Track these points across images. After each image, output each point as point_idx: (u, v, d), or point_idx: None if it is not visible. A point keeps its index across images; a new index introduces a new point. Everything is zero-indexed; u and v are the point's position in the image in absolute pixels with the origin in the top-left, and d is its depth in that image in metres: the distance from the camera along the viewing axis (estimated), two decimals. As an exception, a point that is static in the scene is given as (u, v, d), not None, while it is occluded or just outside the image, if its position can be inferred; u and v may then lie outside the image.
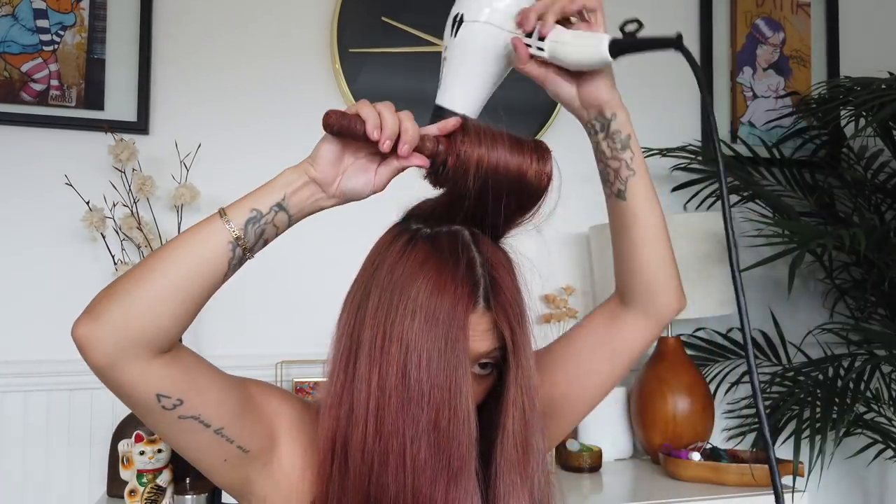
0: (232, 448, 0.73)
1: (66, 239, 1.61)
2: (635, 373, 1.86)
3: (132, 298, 0.65)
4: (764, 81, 2.13)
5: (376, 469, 0.70)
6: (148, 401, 0.67)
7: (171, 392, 0.68)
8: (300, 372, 1.68)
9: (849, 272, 2.02)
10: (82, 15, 1.64)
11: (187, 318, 0.68)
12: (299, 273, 1.73)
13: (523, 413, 0.75)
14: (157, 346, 0.66)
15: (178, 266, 0.66)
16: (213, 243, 0.67)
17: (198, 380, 0.70)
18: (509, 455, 0.74)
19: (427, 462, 0.69)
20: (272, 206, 0.70)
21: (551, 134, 1.92)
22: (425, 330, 0.70)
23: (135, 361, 0.65)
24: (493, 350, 0.74)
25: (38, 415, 1.57)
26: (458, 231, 0.76)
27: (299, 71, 1.77)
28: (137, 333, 0.65)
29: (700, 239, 1.67)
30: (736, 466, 1.55)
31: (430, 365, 0.69)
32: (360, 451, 0.71)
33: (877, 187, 1.96)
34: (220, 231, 0.68)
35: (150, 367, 0.66)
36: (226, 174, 1.69)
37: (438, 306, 0.70)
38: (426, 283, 0.71)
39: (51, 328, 1.58)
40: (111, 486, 1.48)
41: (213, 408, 0.71)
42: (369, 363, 0.71)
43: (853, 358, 1.69)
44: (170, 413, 0.68)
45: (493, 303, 0.73)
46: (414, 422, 0.69)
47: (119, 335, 0.64)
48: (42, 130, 1.62)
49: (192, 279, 0.66)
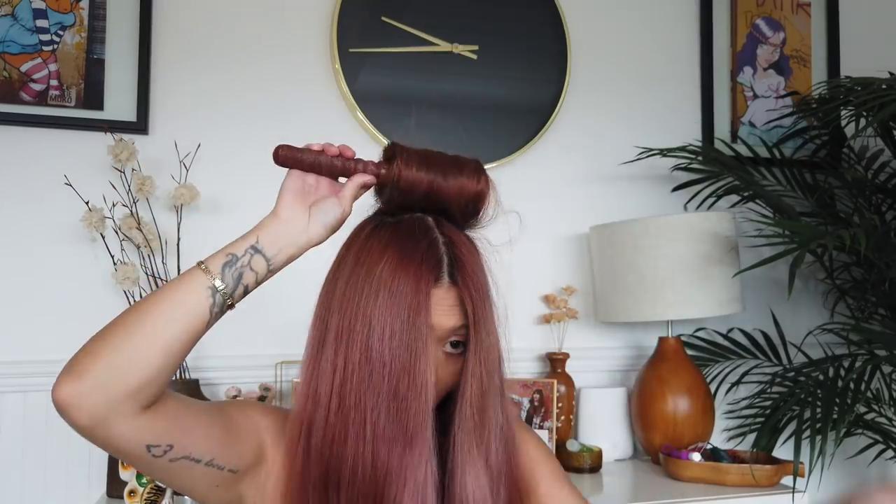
0: (223, 473, 0.75)
1: (66, 239, 1.61)
2: (636, 373, 1.86)
3: (116, 352, 0.65)
4: (764, 81, 2.13)
5: (337, 441, 0.73)
6: (138, 452, 0.68)
7: (160, 441, 0.69)
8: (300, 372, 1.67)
9: (849, 272, 2.02)
10: (82, 15, 1.64)
11: (171, 369, 0.69)
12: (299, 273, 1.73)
13: (481, 383, 0.78)
14: (142, 399, 0.67)
15: (162, 317, 0.68)
16: (193, 291, 0.70)
17: (184, 422, 0.71)
18: (466, 423, 0.77)
19: (385, 429, 0.72)
20: (247, 249, 0.74)
21: (551, 134, 1.92)
22: (388, 305, 0.73)
23: (122, 419, 0.65)
24: (460, 326, 0.77)
25: (37, 415, 1.57)
26: (421, 216, 0.80)
27: (299, 71, 1.77)
28: (123, 388, 0.65)
29: (700, 239, 1.67)
30: (736, 467, 1.55)
31: (392, 338, 0.72)
32: (322, 427, 0.74)
33: (877, 187, 1.96)
34: (199, 278, 0.71)
35: (136, 422, 0.67)
36: (225, 174, 1.69)
37: (401, 282, 0.73)
38: (389, 262, 0.74)
39: (50, 328, 1.58)
40: (111, 487, 1.48)
41: (200, 443, 0.72)
42: (335, 345, 0.75)
43: (854, 358, 1.69)
44: (160, 459, 0.70)
45: (458, 277, 0.76)
46: (375, 392, 0.72)
47: (105, 392, 0.64)
48: (41, 130, 1.62)
49: (174, 329, 0.68)
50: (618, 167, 1.96)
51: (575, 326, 1.89)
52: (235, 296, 0.73)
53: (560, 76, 1.93)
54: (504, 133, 1.88)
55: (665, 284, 1.67)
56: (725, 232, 1.71)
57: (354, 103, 1.77)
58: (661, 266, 1.67)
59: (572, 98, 1.95)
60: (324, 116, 1.78)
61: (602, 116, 1.99)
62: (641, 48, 2.04)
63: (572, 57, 1.94)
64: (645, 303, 1.69)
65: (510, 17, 1.91)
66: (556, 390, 1.72)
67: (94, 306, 1.60)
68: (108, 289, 1.61)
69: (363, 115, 1.77)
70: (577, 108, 1.96)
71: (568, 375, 1.81)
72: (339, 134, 1.78)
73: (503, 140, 1.87)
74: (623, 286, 1.73)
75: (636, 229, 1.70)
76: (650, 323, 1.94)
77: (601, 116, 1.99)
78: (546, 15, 1.93)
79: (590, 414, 1.80)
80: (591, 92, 1.99)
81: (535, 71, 1.91)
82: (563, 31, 1.94)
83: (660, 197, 2.01)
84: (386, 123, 1.79)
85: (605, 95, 2.00)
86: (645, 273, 1.69)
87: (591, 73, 1.99)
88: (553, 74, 1.93)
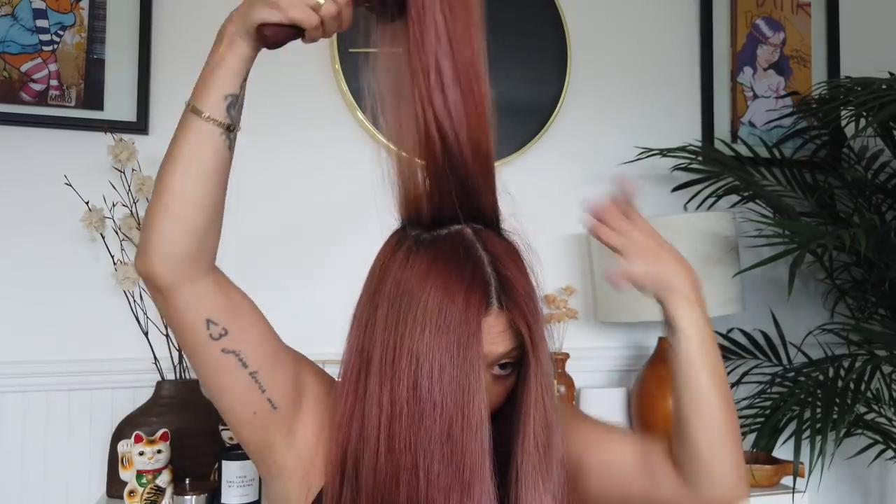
0: (262, 399, 0.74)
1: (66, 239, 1.61)
2: (636, 373, 1.86)
3: (164, 221, 0.68)
4: (764, 81, 2.12)
5: (388, 486, 0.68)
6: (198, 326, 0.71)
7: (219, 319, 0.71)
8: (300, 372, 1.67)
9: (849, 272, 2.02)
10: (82, 15, 1.64)
11: (218, 217, 0.72)
12: (300, 274, 1.73)
13: (545, 412, 0.73)
14: (202, 257, 0.70)
15: (190, 178, 0.69)
16: (207, 143, 0.69)
17: (243, 314, 0.74)
18: (531, 457, 0.72)
19: (440, 475, 0.67)
20: (242, 84, 0.73)
21: (551, 136, 1.92)
22: (436, 339, 0.68)
23: (190, 281, 0.70)
24: (511, 350, 0.73)
25: (37, 415, 1.57)
26: (459, 231, 0.74)
27: (299, 71, 1.77)
28: (182, 248, 0.68)
29: (700, 239, 1.67)
30: (736, 467, 1.55)
31: (441, 375, 0.67)
32: (373, 469, 0.69)
33: (877, 187, 1.96)
34: (206, 129, 0.70)
35: (201, 286, 0.70)
36: (225, 174, 1.69)
37: (448, 313, 0.68)
38: (434, 292, 0.69)
39: (50, 328, 1.58)
40: (111, 487, 1.48)
41: (252, 347, 0.73)
42: (380, 380, 0.70)
43: (854, 358, 1.69)
44: (215, 344, 0.71)
45: (507, 302, 0.71)
46: (426, 434, 0.67)
47: (169, 255, 0.68)
48: (41, 130, 1.62)
49: (207, 182, 0.69)
50: (617, 167, 1.96)
51: (575, 326, 1.89)
52: (239, 124, 0.74)
53: (560, 76, 1.93)
54: (504, 133, 1.87)
55: (665, 284, 1.66)
56: (725, 232, 1.71)
57: (354, 103, 1.77)
58: (661, 266, 1.67)
59: (572, 98, 1.95)
60: (324, 116, 1.78)
61: (602, 116, 1.99)
62: (641, 48, 2.04)
63: (572, 57, 1.94)
64: (645, 303, 1.69)
65: (510, 17, 1.91)
66: (557, 390, 1.72)
67: (94, 306, 1.60)
68: (108, 289, 1.61)
69: (363, 116, 1.77)
70: (577, 108, 1.96)
71: (568, 376, 1.81)
72: (340, 134, 1.78)
73: (503, 140, 1.87)
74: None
75: (636, 229, 1.70)
76: (650, 323, 1.93)
77: (601, 116, 1.99)
78: (546, 15, 1.93)
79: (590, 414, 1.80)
80: (592, 92, 1.99)
81: (535, 71, 1.91)
82: (563, 31, 1.94)
83: (660, 197, 2.01)
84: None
85: (606, 95, 2.00)
86: (645, 273, 1.68)
87: (592, 73, 1.99)
88: (553, 74, 1.93)
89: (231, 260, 0.80)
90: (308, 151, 1.77)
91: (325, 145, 1.78)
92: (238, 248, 1.70)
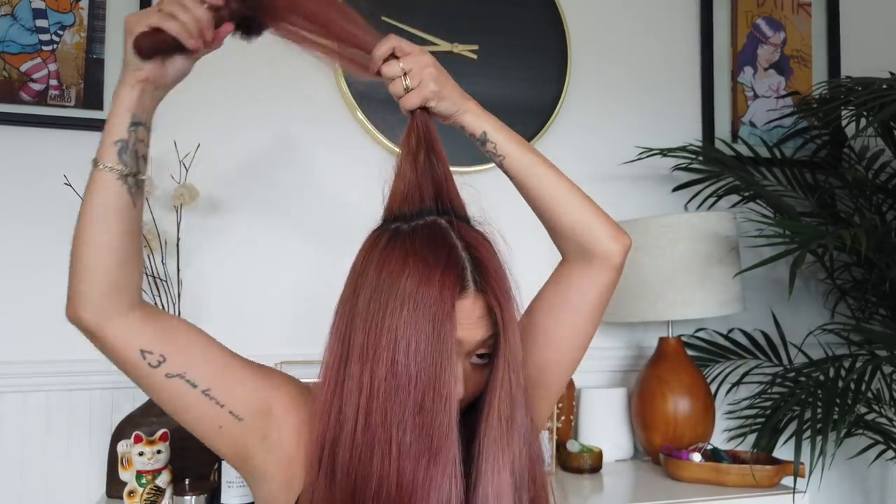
0: (224, 413, 0.77)
1: (66, 239, 1.60)
2: (636, 373, 1.86)
3: (78, 268, 0.76)
4: (765, 81, 2.12)
5: (363, 460, 0.72)
6: (135, 358, 0.75)
7: (153, 347, 0.75)
8: (300, 372, 1.66)
9: (850, 272, 2.01)
10: (81, 15, 1.64)
11: (130, 257, 0.75)
12: (299, 273, 1.73)
13: (510, 390, 0.77)
14: (122, 296, 0.74)
15: (95, 224, 0.75)
16: (107, 189, 0.74)
17: (178, 338, 0.77)
18: (493, 430, 0.76)
19: (411, 444, 0.71)
20: (129, 129, 0.76)
21: (552, 135, 1.91)
22: (413, 318, 0.72)
23: (111, 320, 0.74)
24: (489, 337, 0.76)
25: (37, 415, 1.57)
26: (434, 221, 0.78)
27: (298, 70, 1.77)
28: (97, 292, 0.74)
29: (701, 239, 1.67)
30: (737, 467, 1.55)
31: (417, 351, 0.71)
32: (349, 447, 0.73)
33: (878, 187, 1.96)
34: (105, 176, 0.74)
35: (126, 321, 0.75)
36: (225, 174, 1.69)
37: (425, 294, 0.72)
38: (412, 276, 0.73)
39: (50, 328, 1.57)
40: (110, 487, 1.48)
41: (197, 367, 0.76)
42: (361, 363, 0.73)
43: (854, 358, 1.68)
44: (157, 371, 0.75)
45: (481, 283, 0.75)
46: (401, 408, 0.71)
47: (87, 301, 0.74)
48: (41, 130, 1.61)
49: (112, 229, 0.74)
50: (618, 167, 1.96)
51: (575, 326, 1.88)
52: (141, 167, 0.76)
53: (560, 76, 1.93)
54: (504, 133, 1.87)
55: (665, 284, 1.66)
56: (726, 232, 1.70)
57: (354, 103, 1.77)
58: (661, 266, 1.67)
59: (572, 98, 1.95)
60: (324, 116, 1.78)
61: (602, 116, 1.99)
62: (642, 48, 2.04)
63: (572, 57, 1.94)
64: (645, 303, 1.69)
65: (510, 17, 1.91)
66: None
67: (93, 306, 1.60)
68: (107, 289, 1.60)
69: (363, 115, 1.77)
70: (577, 107, 1.96)
71: (568, 376, 1.81)
72: (340, 134, 1.78)
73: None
74: (623, 286, 1.72)
75: (637, 229, 1.70)
76: (650, 323, 1.93)
77: (601, 116, 1.99)
78: (546, 15, 1.93)
79: (590, 414, 1.80)
80: (592, 92, 1.98)
81: (535, 71, 1.91)
82: (563, 31, 1.94)
83: (660, 197, 2.01)
84: (386, 123, 1.79)
85: (606, 95, 2.00)
86: (645, 273, 1.68)
87: (592, 73, 1.99)
88: (553, 74, 1.93)
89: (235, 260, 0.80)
90: (308, 151, 1.77)
91: (324, 145, 1.77)
92: (239, 247, 1.70)
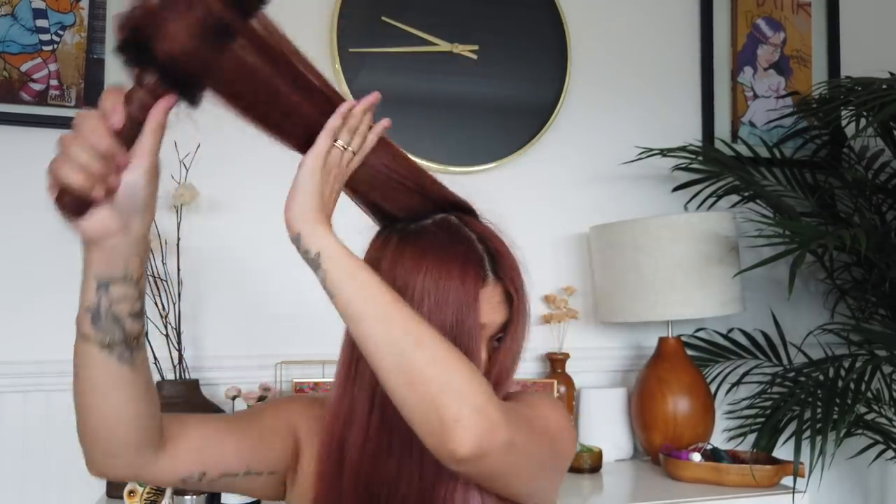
0: (264, 478, 0.79)
1: (66, 239, 1.59)
2: (636, 373, 1.86)
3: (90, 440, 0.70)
4: (765, 81, 2.12)
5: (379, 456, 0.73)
6: (180, 483, 0.74)
7: (192, 471, 0.74)
8: (300, 372, 1.67)
9: (850, 272, 2.01)
10: (82, 15, 1.64)
11: (140, 417, 0.69)
12: (299, 273, 1.72)
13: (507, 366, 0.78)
14: (145, 451, 0.70)
15: (93, 400, 0.68)
16: (94, 365, 0.67)
17: (210, 448, 0.75)
18: None
19: None
20: (96, 292, 0.67)
21: (551, 135, 1.91)
22: (435, 312, 0.71)
23: (144, 469, 0.71)
24: (507, 321, 0.77)
25: (37, 415, 1.57)
26: (444, 218, 0.79)
27: (299, 71, 1.77)
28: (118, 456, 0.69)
29: (700, 239, 1.67)
30: (736, 467, 1.55)
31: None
32: (360, 444, 0.74)
33: (878, 187, 1.96)
34: (87, 349, 0.67)
35: (160, 464, 0.72)
36: (225, 174, 1.69)
37: (447, 287, 0.72)
38: (430, 272, 0.73)
39: (50, 329, 1.57)
40: (110, 487, 1.48)
41: (232, 461, 0.76)
42: None
43: (854, 358, 1.68)
44: (202, 482, 0.75)
45: (501, 273, 0.76)
46: None
47: (111, 462, 0.70)
48: (41, 130, 1.61)
49: (110, 401, 0.68)
50: (618, 167, 1.96)
51: (575, 327, 1.89)
52: (128, 330, 0.67)
53: (560, 76, 1.93)
54: (504, 133, 1.88)
55: (665, 284, 1.66)
56: (725, 232, 1.70)
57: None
58: (661, 266, 1.67)
59: (572, 98, 1.95)
60: (324, 116, 1.78)
61: (602, 116, 1.99)
62: (642, 48, 2.04)
63: (572, 57, 1.94)
64: (645, 303, 1.69)
65: (510, 17, 1.91)
66: (557, 391, 1.72)
67: (93, 306, 1.60)
68: (107, 289, 1.60)
69: (363, 115, 1.77)
70: (577, 107, 1.96)
71: (568, 376, 1.81)
72: (339, 134, 1.78)
73: (503, 140, 1.87)
74: (623, 286, 1.72)
75: (636, 229, 1.70)
76: (650, 323, 1.93)
77: (601, 116, 1.99)
78: (546, 15, 1.93)
79: (590, 414, 1.80)
80: (592, 92, 1.98)
81: (535, 71, 1.91)
82: (563, 31, 1.94)
83: (660, 197, 2.01)
84: (386, 123, 1.79)
85: (606, 95, 2.00)
86: (645, 273, 1.69)
87: (592, 72, 1.99)
88: (553, 74, 1.93)
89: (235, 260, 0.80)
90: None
91: (325, 145, 1.77)
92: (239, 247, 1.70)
